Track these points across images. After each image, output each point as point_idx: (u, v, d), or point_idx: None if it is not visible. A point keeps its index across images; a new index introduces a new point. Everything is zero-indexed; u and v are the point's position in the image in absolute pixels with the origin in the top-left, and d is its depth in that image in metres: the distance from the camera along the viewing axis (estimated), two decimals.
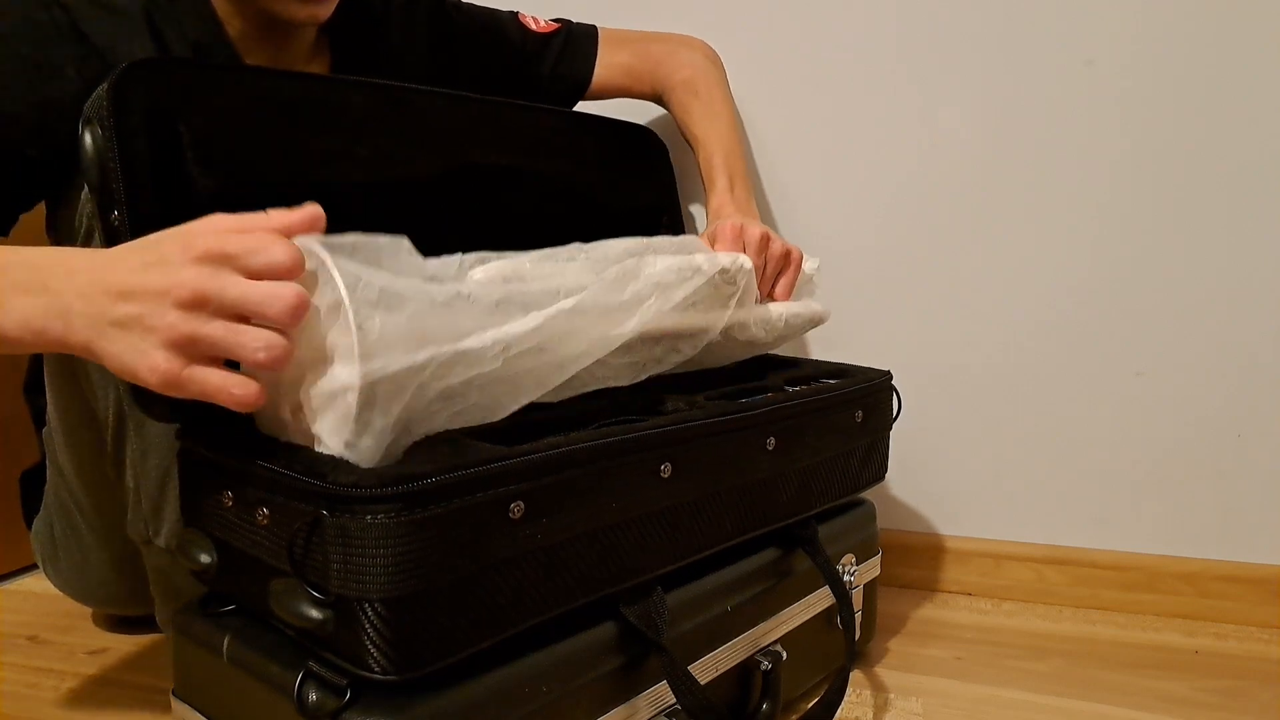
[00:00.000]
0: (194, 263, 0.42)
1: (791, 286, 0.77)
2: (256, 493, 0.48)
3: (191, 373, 0.43)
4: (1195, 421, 0.92)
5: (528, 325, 0.49)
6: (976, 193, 0.96)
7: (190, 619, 0.55)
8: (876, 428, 0.78)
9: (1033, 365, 0.96)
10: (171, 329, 0.42)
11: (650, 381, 0.65)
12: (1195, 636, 0.89)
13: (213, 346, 0.42)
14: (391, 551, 0.42)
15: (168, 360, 0.42)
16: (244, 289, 0.42)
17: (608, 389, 0.61)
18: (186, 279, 0.42)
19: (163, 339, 0.42)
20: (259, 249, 0.42)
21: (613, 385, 0.61)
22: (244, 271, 0.42)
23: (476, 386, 0.48)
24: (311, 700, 0.45)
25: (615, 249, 0.60)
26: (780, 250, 0.76)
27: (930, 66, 0.96)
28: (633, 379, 0.63)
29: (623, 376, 0.62)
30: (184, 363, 0.42)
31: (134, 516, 0.68)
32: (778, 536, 0.69)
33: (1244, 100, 0.87)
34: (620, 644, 0.54)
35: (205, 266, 0.42)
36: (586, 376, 0.57)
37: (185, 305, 0.42)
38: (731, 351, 0.75)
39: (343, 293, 0.42)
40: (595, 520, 0.52)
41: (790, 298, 0.78)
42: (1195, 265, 0.90)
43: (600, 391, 0.60)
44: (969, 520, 1.01)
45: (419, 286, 0.46)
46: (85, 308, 0.43)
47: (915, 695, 0.77)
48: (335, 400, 0.44)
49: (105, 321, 0.43)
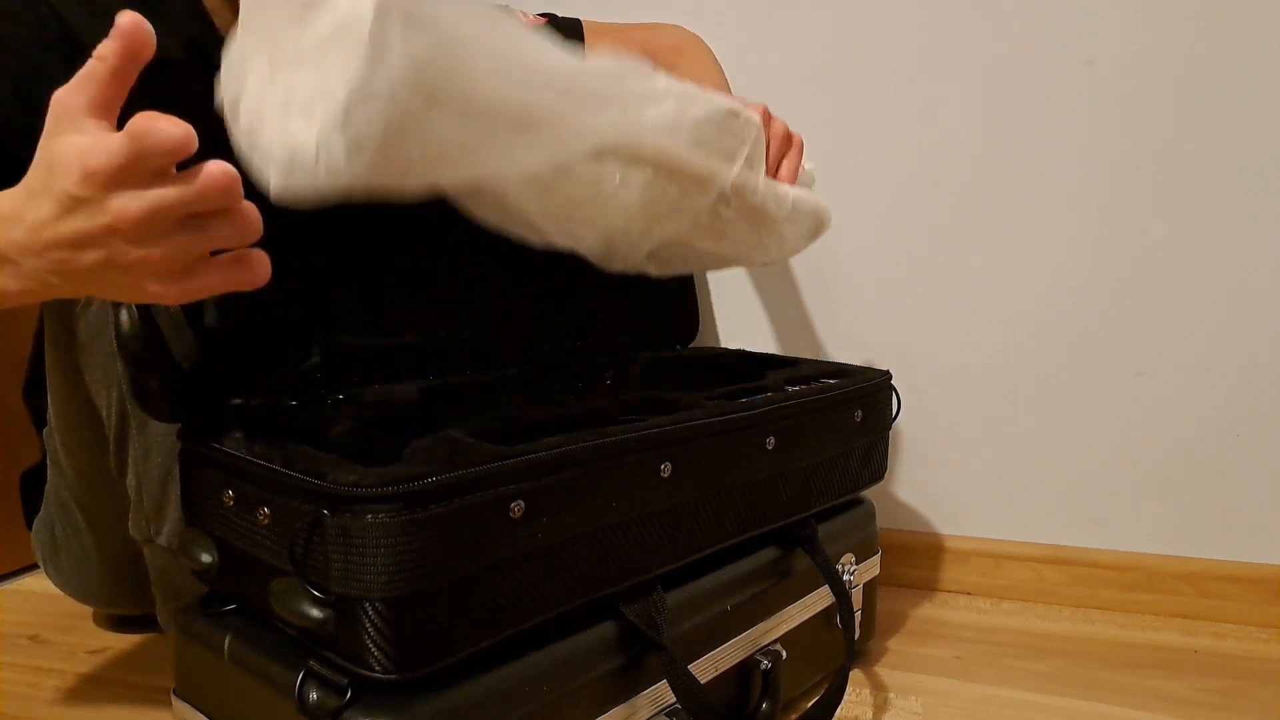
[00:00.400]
0: (106, 190, 0.39)
1: (795, 170, 0.74)
2: (257, 492, 0.48)
3: (191, 283, 0.42)
4: (1195, 421, 0.92)
5: (558, 57, 0.46)
6: (976, 193, 0.96)
7: (191, 618, 0.55)
8: (876, 427, 0.78)
9: (1033, 365, 0.97)
10: (144, 261, 0.40)
11: (651, 382, 0.65)
12: (1195, 636, 0.89)
13: (191, 253, 0.41)
14: (392, 551, 0.42)
15: (162, 285, 0.42)
16: (176, 194, 0.39)
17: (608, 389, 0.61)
18: (118, 212, 0.39)
19: (143, 272, 0.41)
20: (148, 142, 0.38)
21: (622, 230, 0.58)
22: (151, 172, 0.39)
23: (477, 116, 0.43)
24: (312, 699, 0.45)
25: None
26: (783, 129, 0.73)
27: (930, 66, 0.96)
28: (644, 230, 0.60)
29: (634, 219, 0.59)
30: (178, 278, 0.42)
31: (135, 515, 0.69)
32: (777, 536, 0.69)
33: (1244, 100, 0.87)
34: (620, 643, 0.55)
35: (122, 191, 0.39)
36: (593, 195, 0.54)
37: (136, 238, 0.40)
38: (743, 233, 0.70)
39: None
40: (595, 520, 0.52)
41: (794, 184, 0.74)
42: (1195, 265, 0.90)
43: (600, 392, 0.60)
44: (969, 520, 1.01)
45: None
46: (45, 265, 0.42)
47: (915, 694, 0.77)
48: (337, 40, 0.39)
49: (76, 272, 0.42)
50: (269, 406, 0.57)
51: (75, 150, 0.39)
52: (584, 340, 0.85)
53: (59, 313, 0.69)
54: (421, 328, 0.72)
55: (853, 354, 1.02)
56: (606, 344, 0.86)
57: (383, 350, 0.69)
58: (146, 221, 0.39)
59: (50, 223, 0.41)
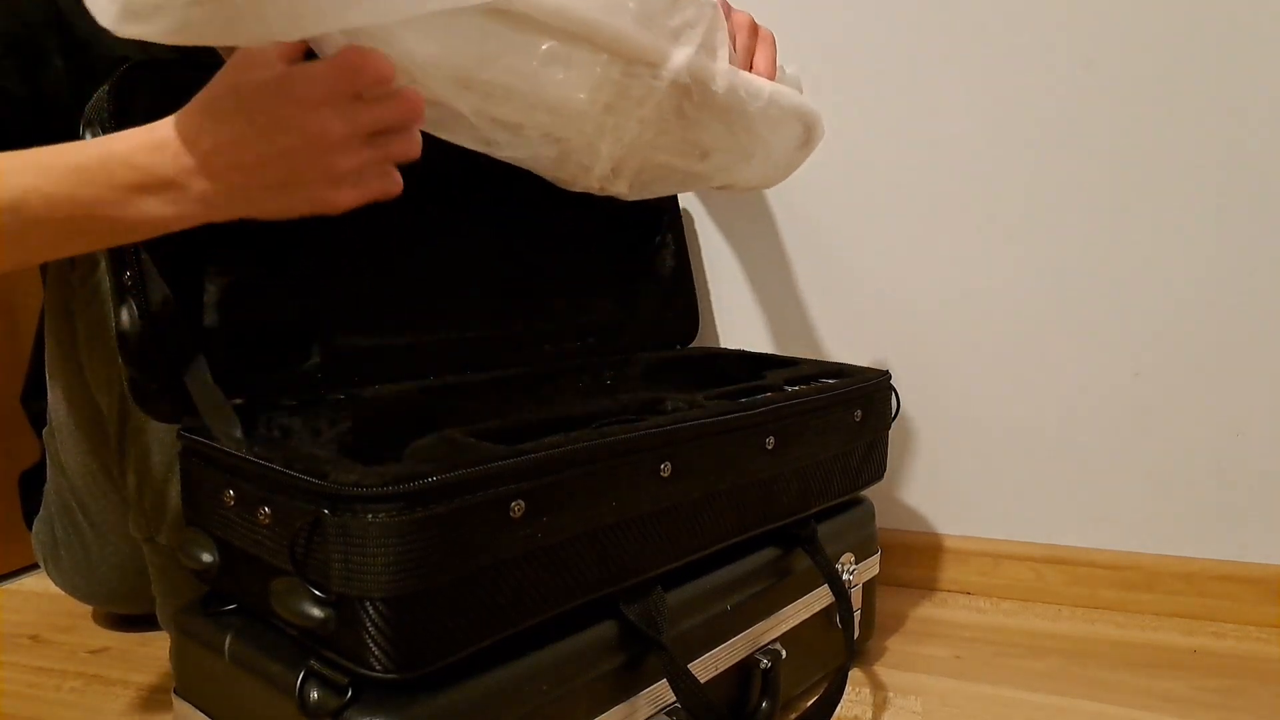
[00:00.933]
0: (311, 110, 0.44)
1: (772, 63, 0.69)
2: (258, 492, 0.48)
3: (361, 190, 0.48)
4: (1195, 421, 0.92)
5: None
6: (976, 192, 0.96)
7: (192, 618, 0.55)
8: (876, 427, 0.78)
9: (1032, 365, 0.97)
10: (330, 171, 0.45)
11: (651, 382, 0.65)
12: (1194, 636, 0.89)
13: (372, 161, 0.47)
14: (392, 550, 0.42)
15: (338, 192, 0.47)
16: (378, 112, 0.45)
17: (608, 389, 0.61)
18: (320, 130, 0.44)
19: (326, 182, 0.46)
20: (364, 73, 0.44)
21: (570, 129, 0.56)
22: (352, 96, 0.45)
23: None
24: (313, 699, 0.45)
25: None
26: (748, 20, 0.69)
27: (930, 66, 0.96)
28: (598, 129, 0.57)
29: (580, 114, 0.56)
30: (352, 184, 0.47)
31: (136, 514, 0.69)
32: (777, 536, 0.69)
33: (1244, 100, 0.87)
34: (620, 643, 0.55)
35: (324, 110, 0.44)
36: (518, 79, 0.52)
37: (337, 147, 0.45)
38: (720, 139, 0.66)
39: None
40: (595, 520, 0.52)
41: (773, 79, 0.69)
42: (1195, 265, 0.90)
43: (600, 392, 0.60)
44: (968, 520, 1.01)
45: None
46: (217, 187, 0.45)
47: (914, 694, 0.77)
48: None
49: (252, 189, 0.45)
50: (269, 406, 0.57)
51: (277, 78, 0.44)
52: (584, 340, 0.85)
53: (62, 311, 0.69)
54: (421, 328, 0.72)
55: (853, 354, 1.02)
56: (606, 344, 0.87)
57: (382, 351, 0.69)
58: (348, 137, 0.45)
59: (239, 144, 0.44)
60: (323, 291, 0.66)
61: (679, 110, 0.60)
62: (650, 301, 0.93)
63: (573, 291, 0.84)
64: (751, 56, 0.68)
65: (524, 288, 0.80)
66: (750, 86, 0.64)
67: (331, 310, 0.66)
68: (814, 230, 1.02)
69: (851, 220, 1.01)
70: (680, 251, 0.95)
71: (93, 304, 0.65)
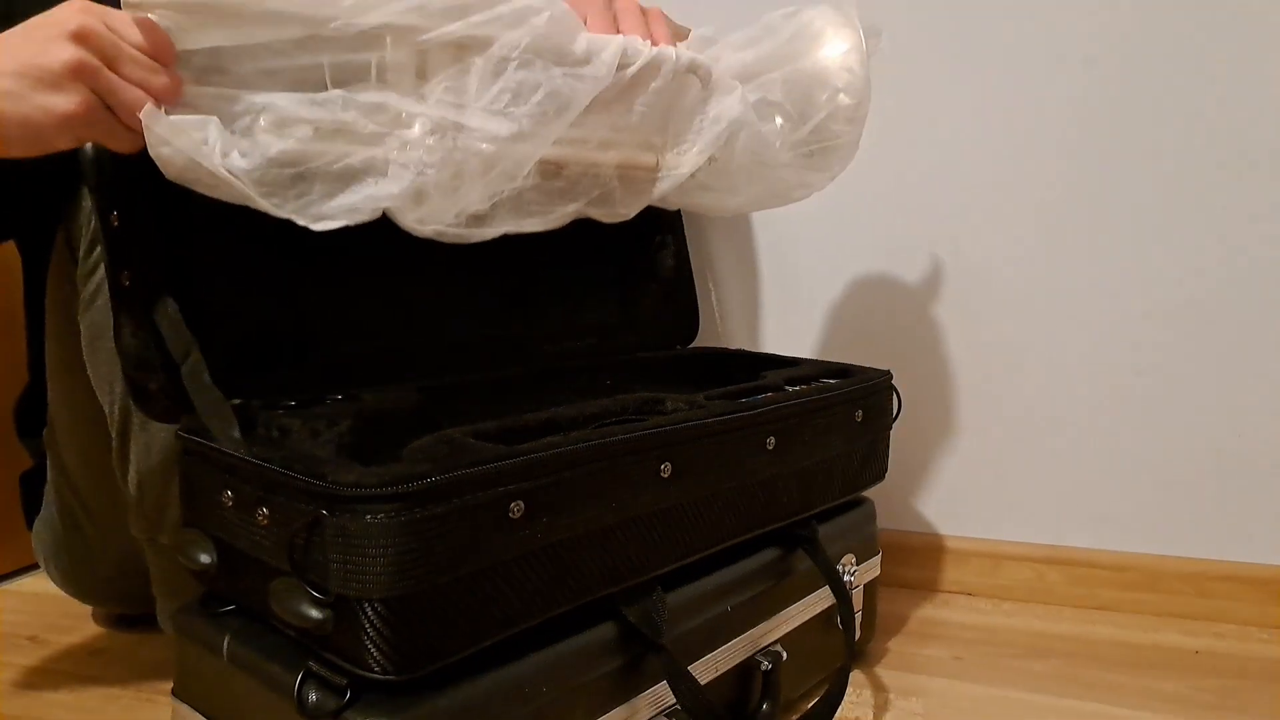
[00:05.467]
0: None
1: (667, 34, 0.65)
2: (256, 492, 0.48)
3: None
4: (1195, 421, 0.92)
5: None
6: (975, 192, 0.96)
7: (190, 619, 0.55)
8: (877, 427, 0.78)
9: (1033, 364, 0.96)
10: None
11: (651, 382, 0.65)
12: (1195, 636, 0.89)
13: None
14: (391, 551, 0.42)
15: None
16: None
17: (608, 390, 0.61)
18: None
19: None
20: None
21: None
22: None
23: None
24: (312, 700, 0.45)
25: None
26: (629, 2, 0.65)
27: (929, 66, 0.96)
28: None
29: None
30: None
31: (137, 514, 0.69)
32: (778, 536, 0.69)
33: (1244, 100, 0.87)
34: (620, 644, 0.54)
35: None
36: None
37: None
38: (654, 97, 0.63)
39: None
40: (595, 520, 0.52)
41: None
42: (1195, 264, 0.90)
43: (600, 392, 0.60)
44: (969, 520, 1.01)
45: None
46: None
47: (915, 695, 0.77)
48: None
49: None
50: (268, 407, 0.57)
51: None
52: (584, 340, 0.85)
53: (63, 310, 0.69)
54: (420, 328, 0.72)
55: (853, 354, 1.02)
56: (606, 344, 0.86)
57: (381, 351, 0.69)
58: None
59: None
60: (322, 291, 0.66)
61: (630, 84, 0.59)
62: (650, 302, 0.92)
63: (572, 292, 0.84)
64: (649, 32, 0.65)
65: (524, 288, 0.80)
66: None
67: (331, 310, 0.66)
68: (814, 230, 1.02)
69: (852, 220, 1.01)
70: (680, 251, 0.95)
71: (94, 304, 0.65)
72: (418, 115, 0.52)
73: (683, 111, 0.66)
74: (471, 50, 0.53)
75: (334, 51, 0.50)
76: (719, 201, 0.73)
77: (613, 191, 0.66)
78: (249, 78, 0.49)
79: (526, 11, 0.53)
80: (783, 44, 0.69)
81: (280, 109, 0.49)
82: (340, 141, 0.51)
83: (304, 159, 0.50)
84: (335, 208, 0.51)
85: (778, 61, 0.69)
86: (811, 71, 0.68)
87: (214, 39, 0.48)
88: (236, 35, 0.48)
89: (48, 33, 0.46)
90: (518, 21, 0.53)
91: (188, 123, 0.47)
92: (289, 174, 0.49)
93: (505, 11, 0.53)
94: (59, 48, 0.46)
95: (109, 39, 0.46)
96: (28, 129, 0.46)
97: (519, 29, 0.53)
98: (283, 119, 0.49)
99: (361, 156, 0.51)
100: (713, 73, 0.65)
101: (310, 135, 0.50)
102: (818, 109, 0.69)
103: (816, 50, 0.69)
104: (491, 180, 0.56)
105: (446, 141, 0.53)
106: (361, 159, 0.51)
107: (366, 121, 0.51)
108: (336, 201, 0.51)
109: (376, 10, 0.50)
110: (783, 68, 0.68)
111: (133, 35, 0.47)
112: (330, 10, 0.49)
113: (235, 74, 0.49)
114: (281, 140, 0.49)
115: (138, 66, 0.47)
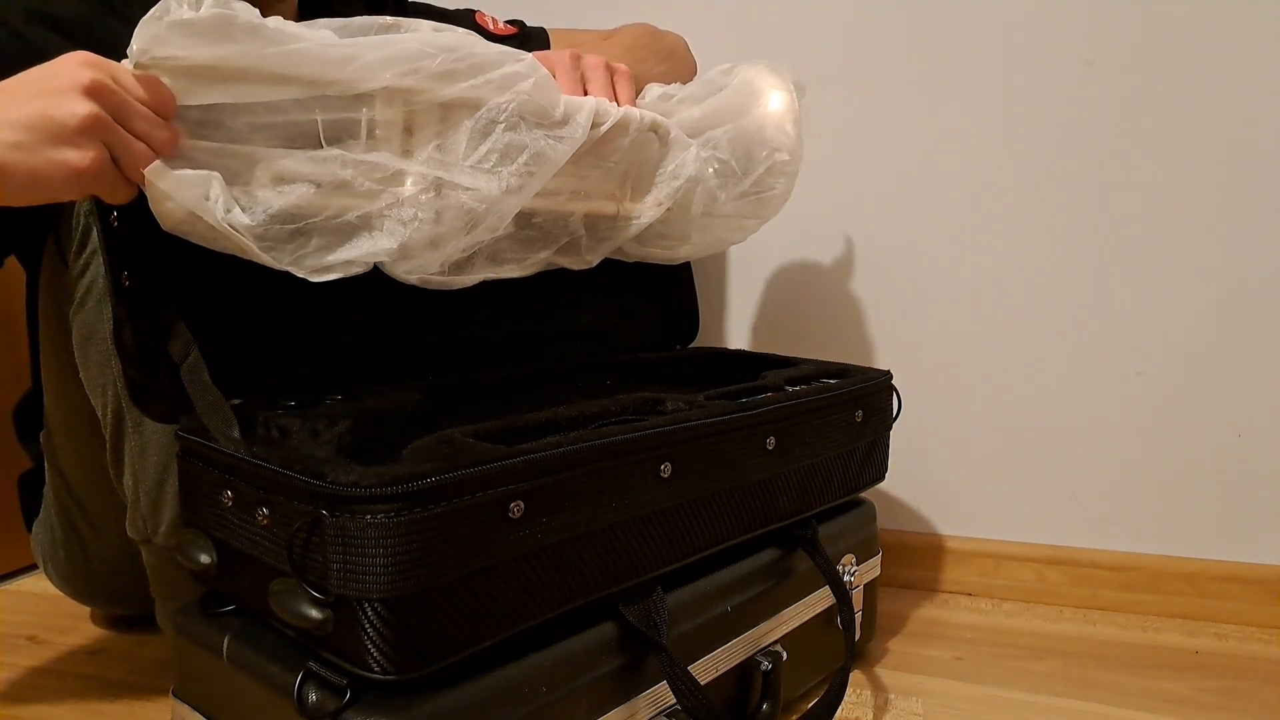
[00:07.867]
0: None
1: (630, 96, 0.70)
2: (256, 493, 0.48)
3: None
4: (1195, 421, 0.92)
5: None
6: (976, 192, 0.96)
7: (190, 619, 0.54)
8: (877, 428, 0.78)
9: (1033, 365, 0.96)
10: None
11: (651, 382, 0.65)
12: (1196, 636, 0.89)
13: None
14: (391, 551, 0.42)
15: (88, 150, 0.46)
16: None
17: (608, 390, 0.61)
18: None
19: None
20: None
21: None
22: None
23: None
24: (311, 700, 0.45)
25: None
26: (600, 61, 0.68)
27: (929, 67, 0.96)
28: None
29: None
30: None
31: (133, 515, 0.68)
32: (778, 536, 0.69)
33: (1245, 100, 0.87)
34: (620, 644, 0.54)
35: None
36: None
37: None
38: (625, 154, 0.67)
39: None
40: (595, 520, 0.52)
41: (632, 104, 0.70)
42: (1196, 264, 0.90)
43: (600, 392, 0.60)
44: (969, 520, 1.01)
45: None
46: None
47: (915, 695, 0.77)
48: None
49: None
50: (267, 407, 0.57)
51: None
52: (584, 341, 0.84)
53: (56, 312, 0.69)
54: (420, 329, 0.72)
55: (853, 354, 1.02)
56: (606, 344, 0.86)
57: (381, 351, 0.69)
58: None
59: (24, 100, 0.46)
60: (322, 292, 0.66)
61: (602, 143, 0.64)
62: (650, 302, 0.92)
63: (572, 292, 0.83)
64: (613, 91, 0.69)
65: (524, 289, 0.80)
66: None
67: (331, 310, 0.66)
68: (814, 230, 1.02)
69: (852, 220, 1.01)
70: None
71: (84, 306, 0.65)
72: (411, 173, 0.55)
73: (644, 166, 0.72)
74: (458, 110, 0.56)
75: (328, 109, 0.52)
76: (671, 250, 0.79)
77: (579, 239, 0.71)
78: (242, 132, 0.50)
79: (513, 77, 0.57)
80: (726, 101, 0.75)
81: (281, 166, 0.51)
82: (340, 197, 0.53)
83: (304, 214, 0.51)
84: (333, 261, 0.53)
85: (723, 117, 0.75)
86: (751, 130, 0.75)
87: (216, 97, 0.48)
88: (239, 94, 0.49)
89: (57, 85, 0.46)
90: (505, 86, 0.57)
91: (191, 178, 0.47)
92: (289, 229, 0.51)
93: (494, 77, 0.56)
94: (73, 102, 0.45)
95: (120, 95, 0.46)
96: (36, 181, 0.46)
97: (506, 93, 0.57)
98: (283, 175, 0.51)
99: (359, 212, 0.53)
100: (670, 131, 0.71)
101: (311, 192, 0.51)
102: (757, 164, 0.76)
103: (755, 109, 0.76)
104: (477, 233, 0.59)
105: (438, 198, 0.56)
106: (359, 215, 0.53)
107: (364, 179, 0.53)
108: (334, 255, 0.53)
109: (378, 75, 0.51)
110: (726, 124, 0.74)
111: (138, 90, 0.47)
112: (333, 74, 0.50)
113: (229, 128, 0.50)
114: (283, 196, 0.50)
115: (144, 122, 0.47)
